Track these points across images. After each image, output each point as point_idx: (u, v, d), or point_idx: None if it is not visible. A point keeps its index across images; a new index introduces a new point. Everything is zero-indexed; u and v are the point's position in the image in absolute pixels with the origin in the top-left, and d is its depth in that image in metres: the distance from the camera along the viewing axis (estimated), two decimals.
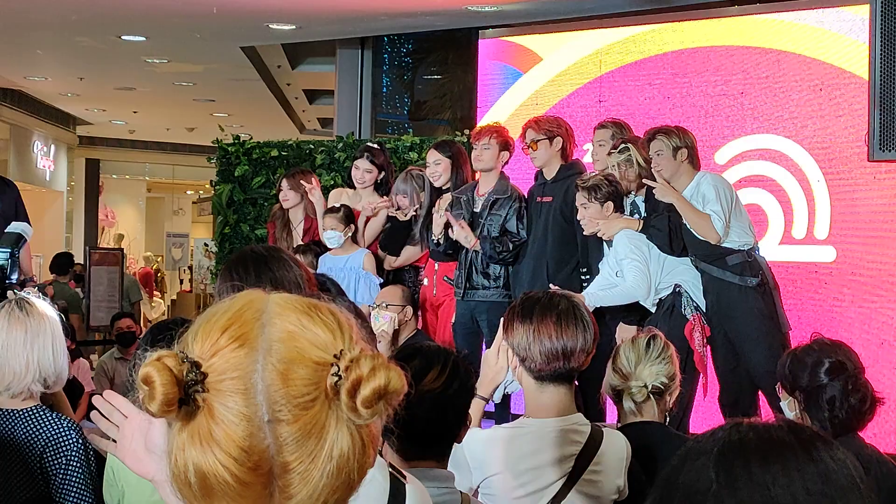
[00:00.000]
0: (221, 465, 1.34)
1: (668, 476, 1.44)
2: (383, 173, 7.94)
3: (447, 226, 7.30)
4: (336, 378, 1.35)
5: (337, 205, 7.78)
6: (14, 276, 4.89)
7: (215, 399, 1.35)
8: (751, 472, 1.36)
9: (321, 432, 1.35)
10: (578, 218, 6.62)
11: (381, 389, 1.33)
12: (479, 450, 3.43)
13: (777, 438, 1.39)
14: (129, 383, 1.40)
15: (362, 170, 7.91)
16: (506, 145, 7.30)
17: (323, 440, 1.35)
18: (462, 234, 7.10)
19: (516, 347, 3.47)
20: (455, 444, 3.01)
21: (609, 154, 6.79)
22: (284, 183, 8.24)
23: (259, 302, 1.42)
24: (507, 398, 6.08)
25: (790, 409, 3.90)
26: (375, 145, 8.12)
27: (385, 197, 7.83)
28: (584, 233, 6.67)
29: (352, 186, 8.12)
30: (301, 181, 8.14)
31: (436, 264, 7.56)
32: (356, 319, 1.45)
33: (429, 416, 2.86)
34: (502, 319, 3.58)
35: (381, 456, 2.97)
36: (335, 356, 1.36)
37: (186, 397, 1.35)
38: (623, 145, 6.70)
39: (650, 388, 4.02)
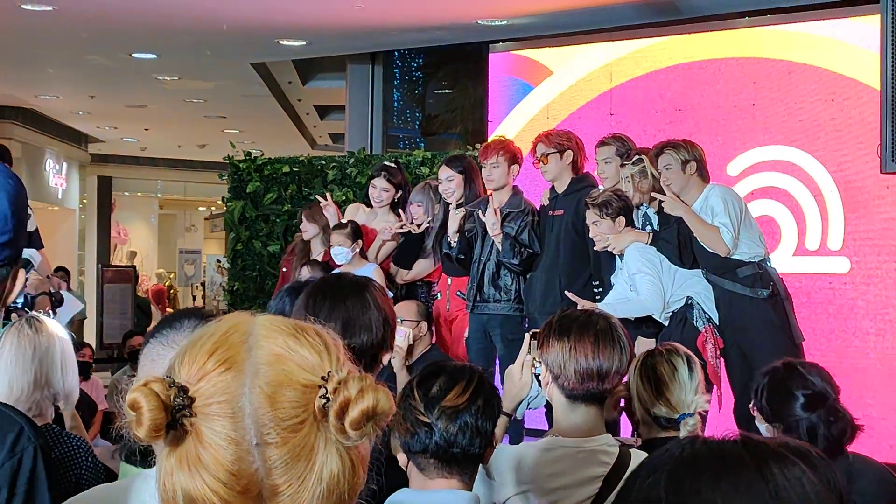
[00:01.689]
0: (210, 489, 1.33)
1: (622, 492, 1.42)
2: (400, 192, 7.90)
3: (461, 229, 7.30)
4: (324, 400, 1.34)
5: (343, 221, 7.77)
6: (19, 301, 4.90)
7: (203, 423, 1.35)
8: (699, 490, 1.33)
9: (310, 454, 1.34)
10: (591, 235, 6.62)
11: (369, 411, 1.33)
12: (507, 466, 3.40)
13: (729, 454, 1.37)
14: (118, 408, 1.39)
15: (379, 188, 7.86)
16: (514, 159, 7.28)
17: (312, 462, 1.35)
18: (492, 218, 7.09)
19: (551, 364, 3.42)
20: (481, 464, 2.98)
21: (623, 165, 6.77)
22: (303, 215, 8.30)
23: (245, 325, 1.42)
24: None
25: (767, 433, 3.87)
26: (392, 164, 8.09)
27: (402, 219, 7.79)
28: (596, 248, 6.67)
29: (366, 202, 8.10)
30: (318, 204, 8.21)
31: (449, 279, 7.55)
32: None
33: (452, 432, 2.85)
34: (529, 334, 3.55)
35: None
36: (323, 378, 1.36)
37: (174, 422, 1.35)
38: (637, 157, 6.69)
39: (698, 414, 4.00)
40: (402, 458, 2.94)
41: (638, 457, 3.52)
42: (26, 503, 1.94)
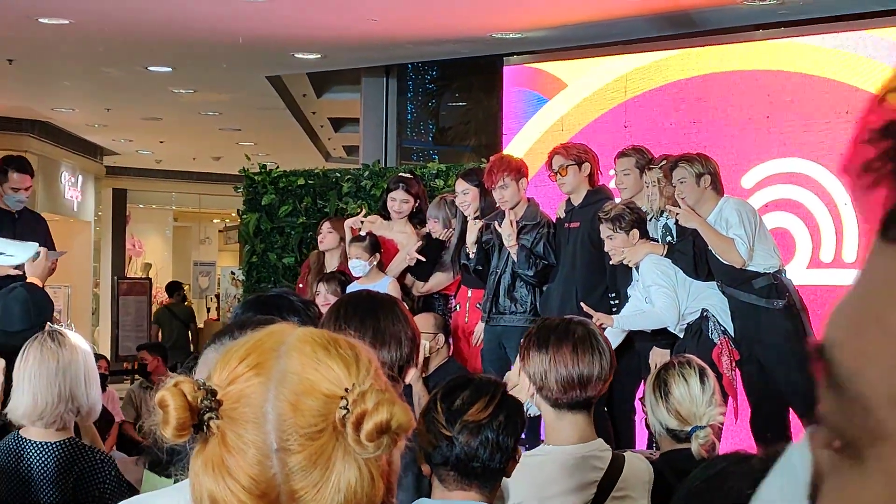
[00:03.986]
0: (231, 492, 1.37)
1: None
2: (418, 202, 7.92)
3: (479, 241, 7.30)
4: (344, 411, 1.37)
5: (363, 233, 7.78)
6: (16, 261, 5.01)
7: (228, 427, 1.39)
8: None
9: (327, 463, 1.37)
10: (606, 249, 6.64)
11: (383, 424, 1.35)
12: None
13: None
14: (150, 407, 1.43)
15: (399, 201, 7.87)
16: (520, 173, 7.25)
17: (329, 471, 1.37)
18: (508, 229, 7.09)
19: (532, 376, 3.47)
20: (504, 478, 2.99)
21: (650, 169, 6.79)
22: (326, 225, 8.25)
23: (281, 334, 1.45)
24: (535, 422, 6.06)
25: None
26: (409, 175, 8.10)
27: (417, 232, 7.78)
28: (612, 262, 6.69)
29: (383, 215, 8.10)
30: (342, 218, 8.22)
31: (469, 291, 7.56)
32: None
33: (472, 446, 2.87)
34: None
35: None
36: (346, 390, 1.38)
37: (200, 423, 1.38)
38: (663, 161, 6.72)
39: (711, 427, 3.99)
40: (425, 468, 2.97)
41: (632, 460, 3.55)
42: None
